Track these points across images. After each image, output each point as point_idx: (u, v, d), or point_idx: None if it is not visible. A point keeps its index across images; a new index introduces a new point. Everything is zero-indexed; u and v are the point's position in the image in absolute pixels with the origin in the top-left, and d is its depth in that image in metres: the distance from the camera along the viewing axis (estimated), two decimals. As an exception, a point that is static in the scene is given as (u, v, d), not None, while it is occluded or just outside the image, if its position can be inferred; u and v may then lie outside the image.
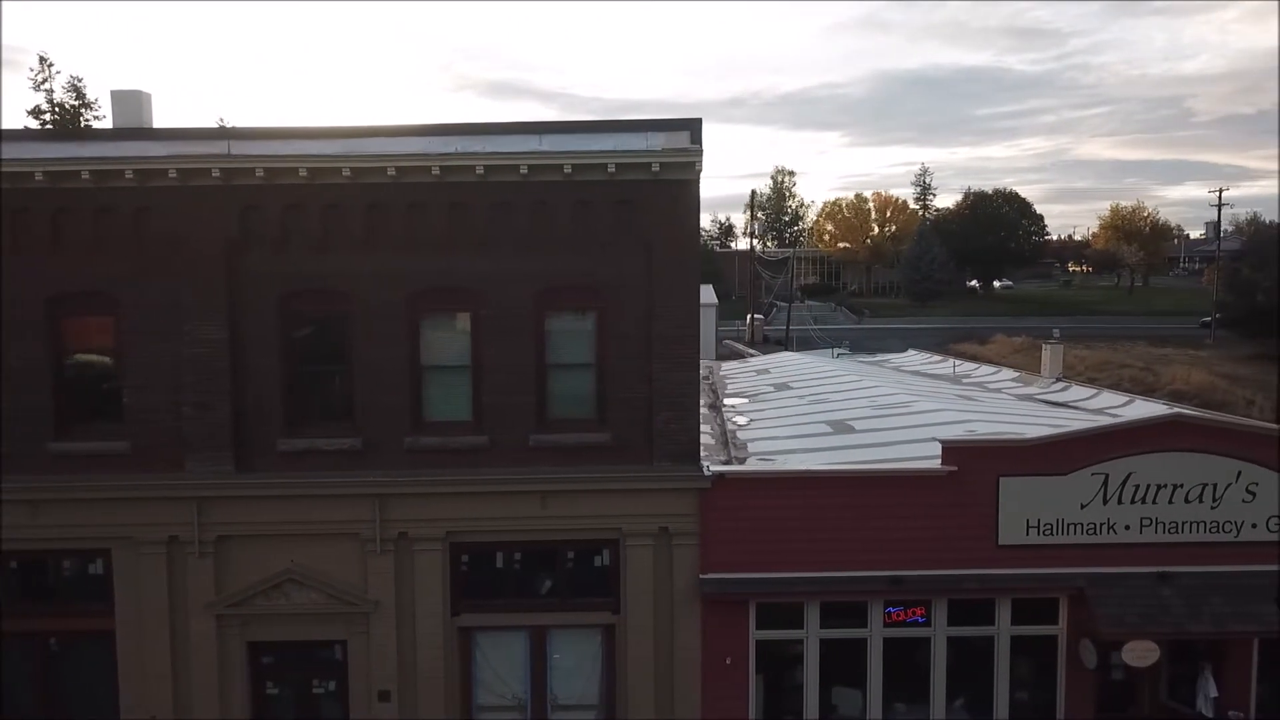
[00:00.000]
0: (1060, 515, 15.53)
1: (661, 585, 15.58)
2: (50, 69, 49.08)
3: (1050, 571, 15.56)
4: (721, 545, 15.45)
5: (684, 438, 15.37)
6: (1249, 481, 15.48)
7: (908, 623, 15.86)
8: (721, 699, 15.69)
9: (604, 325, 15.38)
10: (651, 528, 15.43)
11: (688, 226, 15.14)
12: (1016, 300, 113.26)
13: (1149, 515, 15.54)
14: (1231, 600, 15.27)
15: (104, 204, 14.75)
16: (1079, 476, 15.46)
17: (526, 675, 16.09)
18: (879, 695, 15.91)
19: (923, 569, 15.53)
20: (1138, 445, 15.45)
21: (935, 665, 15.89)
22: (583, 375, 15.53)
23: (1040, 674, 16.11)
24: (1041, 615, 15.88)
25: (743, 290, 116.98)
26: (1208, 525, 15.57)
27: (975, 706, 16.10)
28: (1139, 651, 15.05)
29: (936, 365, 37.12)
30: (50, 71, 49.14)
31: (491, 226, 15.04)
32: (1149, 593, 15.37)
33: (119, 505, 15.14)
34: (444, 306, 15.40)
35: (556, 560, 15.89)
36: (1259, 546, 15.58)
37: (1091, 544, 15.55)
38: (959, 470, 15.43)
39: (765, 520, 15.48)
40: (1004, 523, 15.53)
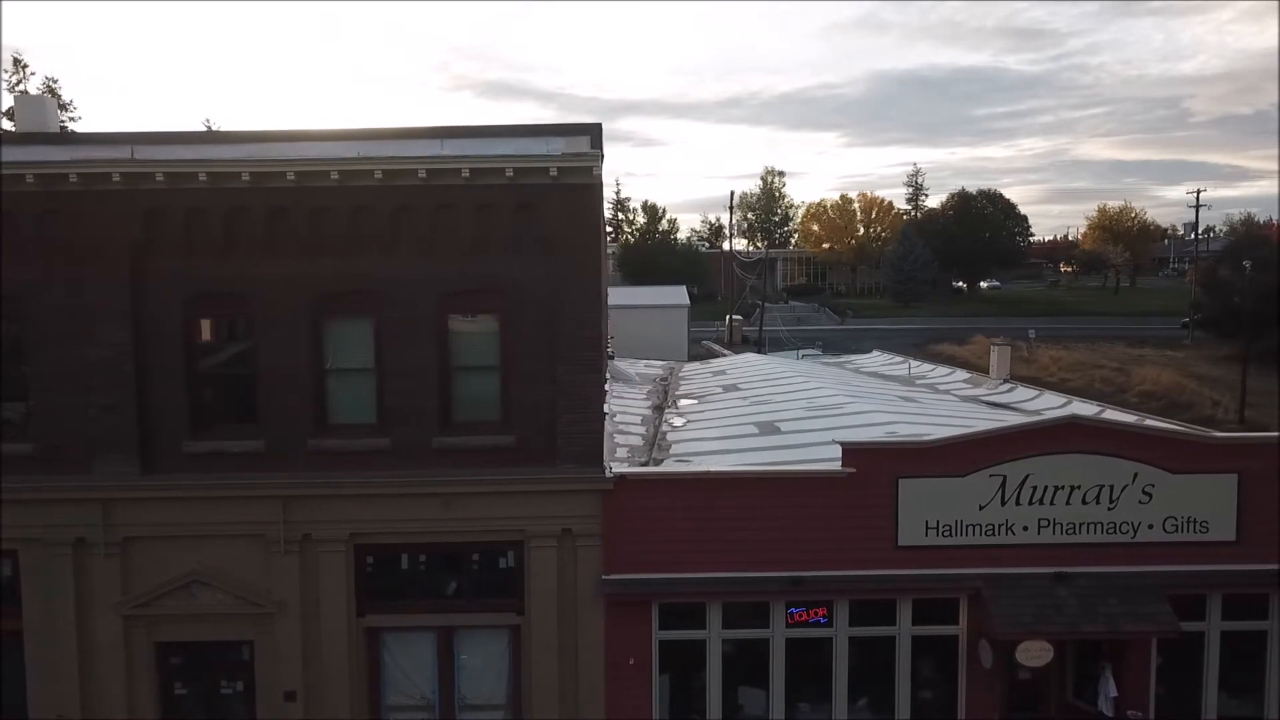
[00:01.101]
0: (959, 516, 15.67)
1: (565, 586, 15.72)
2: (25, 70, 49.18)
3: (949, 572, 15.70)
4: (624, 546, 15.59)
5: (587, 439, 15.51)
6: (1145, 483, 15.64)
7: (810, 623, 16.00)
8: (625, 699, 15.83)
9: (508, 328, 15.53)
10: (555, 529, 15.57)
11: (590, 229, 15.29)
12: (1002, 301, 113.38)
13: (1046, 516, 15.69)
14: (1126, 601, 15.42)
15: (7, 209, 14.86)
16: (977, 478, 15.61)
17: (434, 675, 16.22)
18: (781, 695, 16.04)
19: (823, 569, 15.67)
20: (1035, 447, 15.59)
21: (837, 665, 16.03)
22: (487, 378, 15.67)
23: (942, 673, 16.26)
24: (942, 615, 16.02)
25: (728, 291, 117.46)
26: (1104, 526, 15.72)
27: (878, 706, 16.24)
28: (1033, 651, 15.19)
29: (895, 366, 37.26)
30: (25, 73, 49.23)
31: (394, 230, 15.19)
32: (1045, 593, 15.51)
33: (25, 507, 15.26)
34: (348, 310, 15.53)
35: (462, 561, 16.03)
36: (1155, 547, 15.73)
37: (990, 545, 15.69)
38: (858, 472, 15.58)
39: (667, 521, 15.61)
40: (903, 524, 15.68)
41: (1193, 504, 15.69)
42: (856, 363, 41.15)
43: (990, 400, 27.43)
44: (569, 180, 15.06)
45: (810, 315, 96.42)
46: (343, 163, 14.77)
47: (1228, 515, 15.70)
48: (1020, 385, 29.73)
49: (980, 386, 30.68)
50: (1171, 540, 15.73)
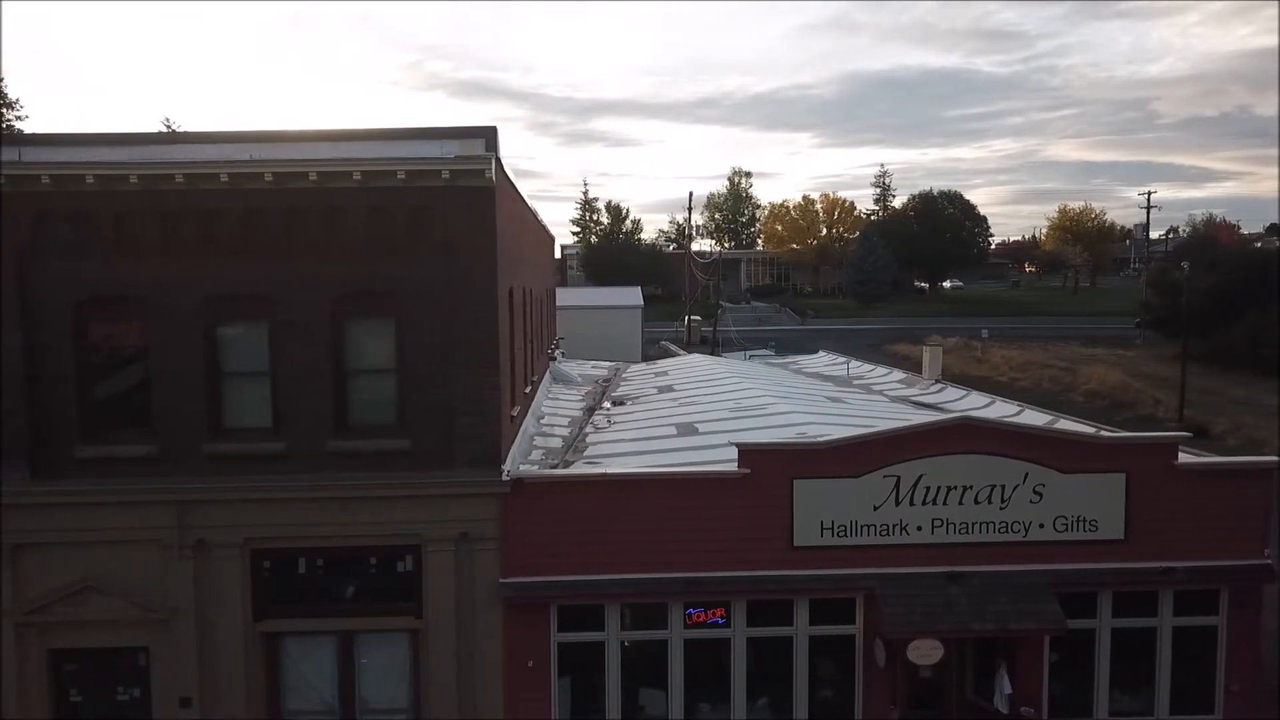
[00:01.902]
0: (853, 517, 15.83)
1: (463, 589, 15.72)
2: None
3: (844, 572, 15.86)
4: (522, 549, 15.62)
5: (484, 443, 15.52)
6: (1036, 483, 15.87)
7: (708, 624, 16.11)
8: (524, 701, 15.86)
9: (404, 331, 15.50)
10: (452, 533, 15.57)
11: (485, 232, 15.29)
12: (963, 301, 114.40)
13: (940, 516, 15.88)
14: (1016, 599, 15.64)
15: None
16: (871, 478, 15.78)
17: (335, 680, 16.17)
18: (680, 696, 16.14)
19: (720, 570, 15.78)
20: (928, 448, 15.78)
21: (735, 665, 16.15)
22: (383, 381, 15.63)
23: (841, 673, 16.41)
24: (839, 615, 16.18)
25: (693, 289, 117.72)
26: (996, 526, 15.93)
27: (778, 705, 16.37)
28: (923, 650, 15.38)
29: (836, 367, 37.51)
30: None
31: (287, 233, 15.12)
32: (937, 592, 15.71)
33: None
34: (241, 313, 15.43)
35: (360, 566, 15.99)
36: (1045, 546, 15.97)
37: (884, 545, 15.86)
38: (753, 473, 15.70)
39: (565, 523, 15.67)
40: (799, 524, 15.82)
41: (1082, 503, 15.94)
42: (801, 363, 41.41)
43: (918, 400, 27.71)
44: (463, 183, 15.05)
45: (772, 316, 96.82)
46: (233, 165, 14.69)
47: (1117, 514, 15.97)
48: (950, 385, 30.03)
49: (913, 387, 30.98)
50: (1062, 539, 15.97)
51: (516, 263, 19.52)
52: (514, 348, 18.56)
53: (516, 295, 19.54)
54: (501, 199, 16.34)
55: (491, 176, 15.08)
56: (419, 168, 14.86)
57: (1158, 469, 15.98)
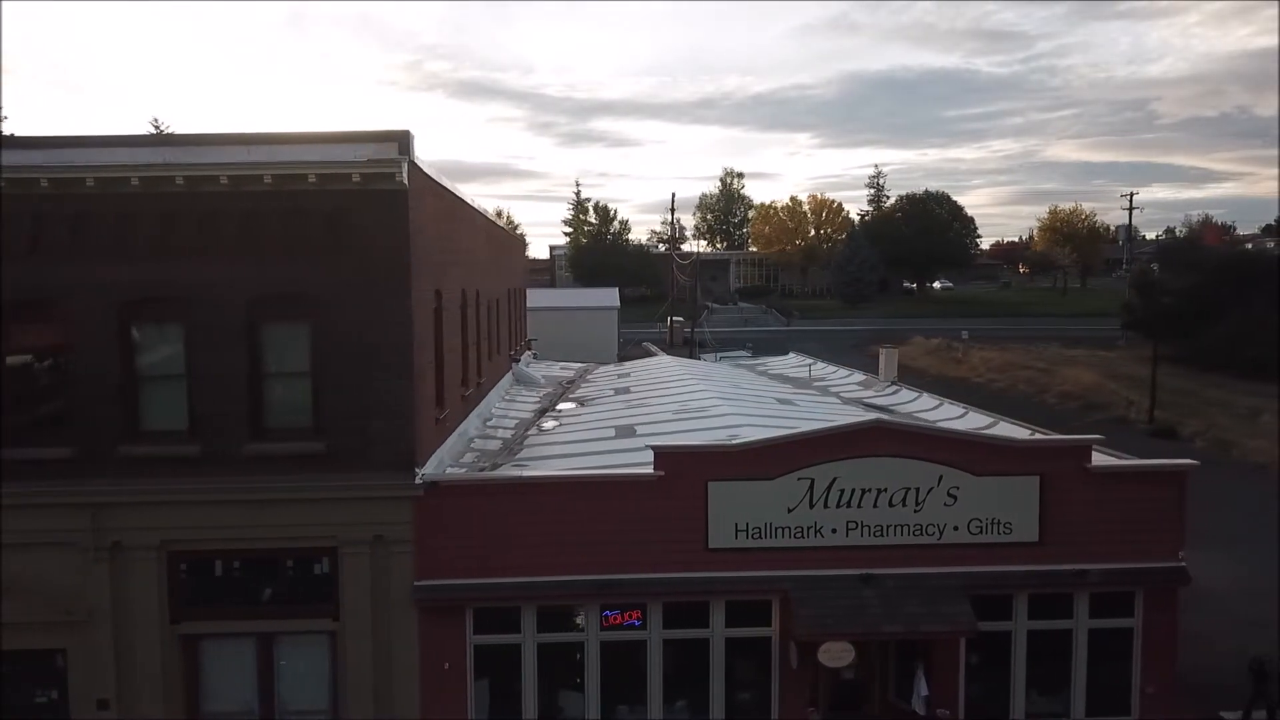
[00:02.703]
0: (768, 519, 15.89)
1: (379, 592, 15.77)
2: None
3: (759, 574, 15.91)
4: (436, 552, 15.67)
5: (399, 446, 15.57)
6: (950, 485, 15.93)
7: (624, 626, 16.16)
8: (441, 703, 15.91)
9: (319, 334, 15.54)
10: (367, 535, 15.63)
11: (398, 236, 15.33)
12: (950, 302, 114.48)
13: (854, 519, 15.95)
14: (928, 601, 15.70)
15: None
16: (786, 481, 15.84)
17: (254, 682, 16.22)
18: (597, 698, 16.19)
19: (636, 572, 15.84)
20: (842, 450, 15.84)
21: (652, 667, 16.20)
22: (299, 384, 15.68)
23: (759, 674, 16.46)
24: (755, 617, 16.23)
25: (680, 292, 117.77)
26: (911, 528, 15.99)
27: (695, 707, 16.42)
28: (834, 652, 15.43)
29: (801, 369, 37.55)
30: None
31: (202, 236, 15.17)
32: (850, 594, 15.76)
33: None
34: (158, 315, 15.47)
35: (278, 568, 16.04)
36: (960, 549, 16.03)
37: (799, 547, 15.92)
38: (668, 475, 15.75)
39: (480, 526, 15.73)
40: (713, 526, 15.87)
41: (997, 506, 16.00)
42: (770, 365, 41.52)
43: (869, 402, 27.76)
44: (376, 187, 15.11)
45: (757, 316, 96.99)
46: (145, 169, 14.75)
47: (1031, 517, 16.03)
48: (905, 387, 30.08)
49: (869, 389, 31.04)
50: (976, 541, 16.03)
51: (450, 265, 19.56)
52: (444, 350, 18.58)
53: (451, 298, 19.59)
54: (424, 202, 16.42)
55: (404, 180, 15.13)
56: (330, 171, 14.92)
57: (1072, 471, 16.05)
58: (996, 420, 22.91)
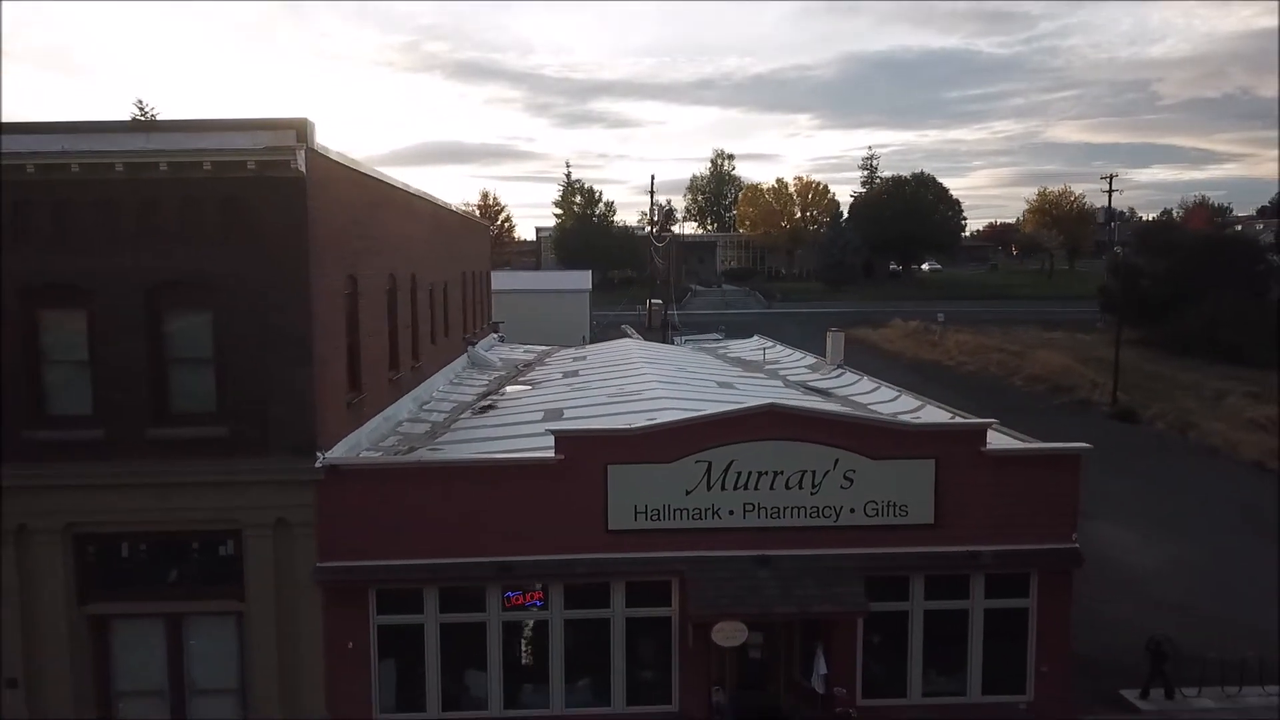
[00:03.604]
0: (667, 501, 16.11)
1: (283, 573, 16.02)
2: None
3: (657, 555, 16.16)
4: (338, 534, 15.89)
5: (299, 430, 15.76)
6: (846, 468, 16.14)
7: (526, 606, 16.42)
8: (346, 683, 16.18)
9: (221, 321, 15.71)
10: (269, 518, 15.86)
11: (295, 224, 15.47)
12: (936, 285, 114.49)
13: (751, 501, 16.17)
14: (822, 582, 15.95)
15: None
16: (684, 464, 16.05)
17: (164, 662, 16.49)
18: (500, 677, 16.47)
19: (536, 554, 16.08)
20: (737, 434, 16.05)
21: (554, 647, 16.48)
22: (201, 370, 15.85)
23: (660, 654, 16.73)
24: (655, 598, 16.49)
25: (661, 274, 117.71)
26: (807, 510, 16.22)
27: (598, 686, 16.70)
28: (727, 631, 15.70)
29: (756, 352, 37.70)
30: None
31: (101, 224, 15.31)
32: (745, 576, 16.01)
33: None
34: (61, 302, 15.59)
35: (184, 550, 16.28)
36: (856, 531, 16.26)
37: (696, 529, 16.16)
38: (568, 459, 15.96)
39: (381, 509, 15.94)
40: (613, 509, 16.10)
41: (893, 489, 16.23)
42: (731, 348, 41.72)
43: (812, 385, 27.97)
44: (273, 174, 15.24)
45: (740, 299, 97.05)
46: (40, 157, 14.87)
47: (926, 499, 16.26)
48: (849, 370, 30.25)
49: (816, 371, 31.25)
50: (872, 523, 16.26)
51: (372, 251, 19.68)
52: (362, 335, 18.75)
53: (373, 284, 19.75)
54: (329, 189, 16.54)
55: (301, 168, 15.26)
56: (225, 159, 15.05)
57: (967, 455, 16.26)
58: (924, 404, 23.11)
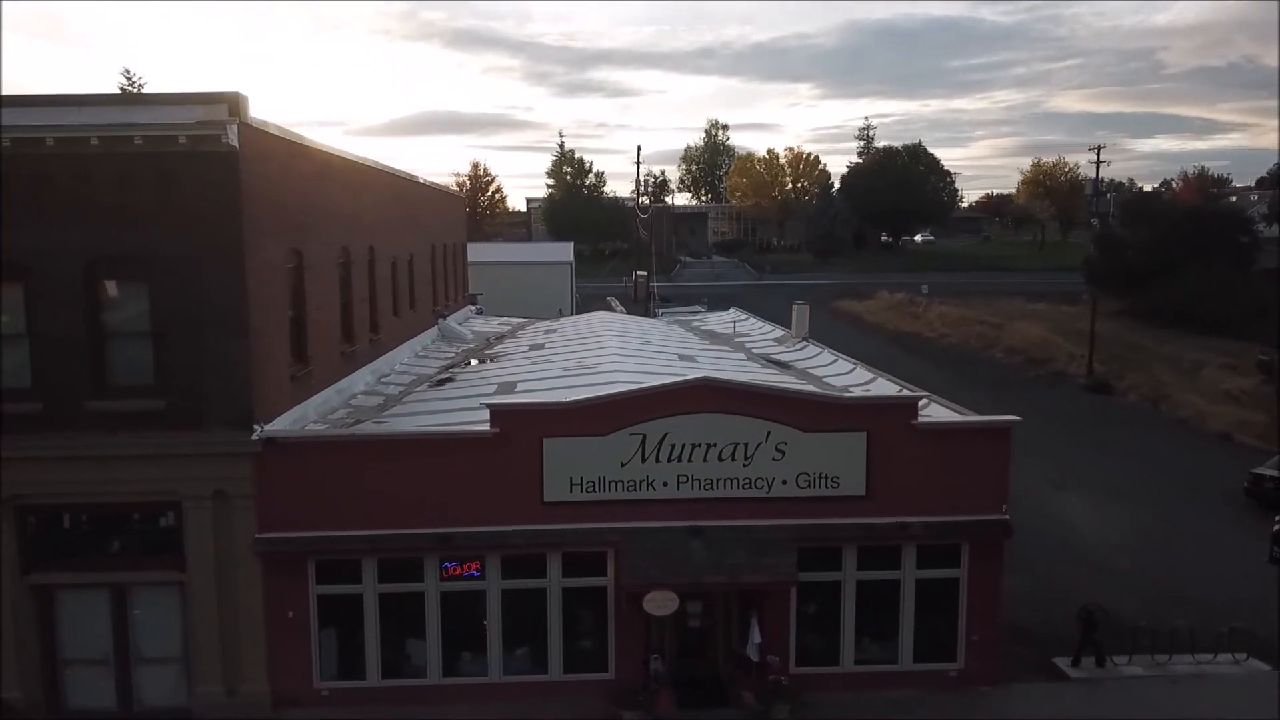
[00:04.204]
0: (602, 473, 16.30)
1: (223, 544, 16.24)
2: None
3: (593, 527, 16.37)
4: (277, 506, 16.09)
5: (235, 403, 15.92)
6: (778, 441, 16.32)
7: (464, 577, 16.66)
8: (286, 650, 16.46)
9: (157, 295, 15.81)
10: (208, 490, 16.06)
11: (228, 198, 15.53)
12: (927, 256, 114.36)
13: (685, 473, 16.36)
14: (752, 553, 16.18)
15: None
16: (618, 437, 16.22)
17: (110, 630, 16.76)
18: (438, 646, 16.74)
19: (473, 526, 16.29)
20: (671, 407, 16.21)
21: (491, 617, 16.74)
22: (139, 344, 15.97)
23: (598, 623, 17.00)
24: (591, 568, 16.72)
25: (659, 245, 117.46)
26: (740, 482, 16.41)
27: (536, 655, 16.99)
28: (658, 601, 15.94)
29: (728, 325, 37.84)
30: None
31: (35, 198, 15.36)
32: (678, 546, 16.23)
33: None
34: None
35: (126, 521, 16.50)
36: (788, 502, 16.47)
37: (631, 500, 16.35)
38: (503, 432, 16.14)
39: (320, 481, 16.13)
40: (549, 481, 16.29)
41: (824, 461, 16.41)
42: (707, 320, 41.89)
43: (774, 358, 28.12)
44: (205, 149, 15.29)
45: (729, 271, 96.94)
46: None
47: (858, 472, 16.45)
48: (812, 343, 30.38)
49: (782, 344, 31.39)
50: (805, 495, 16.47)
51: (319, 225, 19.73)
52: (309, 309, 18.88)
53: (322, 257, 19.84)
54: (266, 164, 16.59)
55: (233, 142, 15.30)
56: (155, 133, 15.09)
57: (897, 428, 16.43)
58: (877, 377, 23.26)
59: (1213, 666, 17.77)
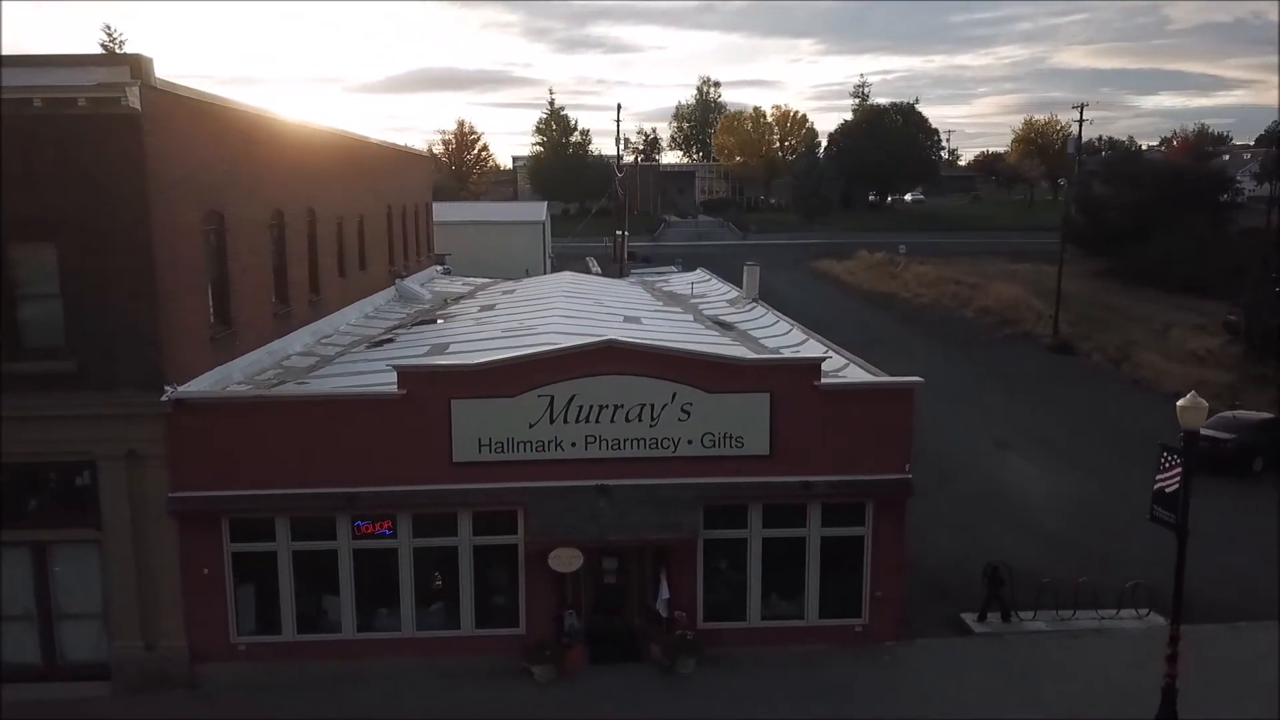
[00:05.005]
0: (510, 434, 16.55)
1: (138, 503, 16.52)
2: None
3: (502, 486, 16.65)
4: (189, 465, 16.34)
5: (145, 365, 16.11)
6: (684, 402, 16.54)
7: (376, 535, 16.97)
8: (203, 606, 16.81)
9: (66, 257, 15.92)
10: (121, 450, 16.30)
11: (132, 160, 15.57)
12: (914, 216, 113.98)
13: (593, 433, 16.60)
14: (657, 511, 16.48)
15: None
16: (526, 398, 16.44)
17: (31, 588, 17.11)
18: (352, 603, 17.09)
19: (383, 485, 16.56)
20: (578, 369, 16.41)
21: (403, 574, 17.07)
22: (50, 305, 16.08)
23: (510, 580, 17.34)
24: (502, 527, 17.02)
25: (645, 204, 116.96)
26: (647, 442, 16.66)
27: (450, 612, 17.35)
28: (564, 558, 16.28)
29: (686, 286, 37.94)
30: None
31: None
32: (586, 505, 16.52)
33: None
34: (-93, 238, 15.83)
35: (44, 480, 16.75)
36: (694, 462, 16.73)
37: (540, 460, 16.62)
38: (411, 393, 16.35)
39: (231, 441, 16.37)
40: (458, 442, 16.54)
41: (729, 421, 16.65)
42: (672, 281, 42.01)
43: (721, 320, 28.26)
44: (107, 111, 15.31)
45: (714, 230, 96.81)
46: (-125, 92, 14.93)
47: (762, 431, 16.69)
48: (760, 305, 30.52)
49: (734, 305, 31.52)
50: (710, 455, 16.73)
51: (243, 187, 19.74)
52: (233, 270, 18.98)
53: (248, 218, 19.90)
54: (175, 125, 16.59)
55: (135, 104, 15.33)
56: (55, 95, 15.11)
57: (801, 389, 16.64)
58: (807, 339, 23.45)
59: (1115, 622, 18.16)
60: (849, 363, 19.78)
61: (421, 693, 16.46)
